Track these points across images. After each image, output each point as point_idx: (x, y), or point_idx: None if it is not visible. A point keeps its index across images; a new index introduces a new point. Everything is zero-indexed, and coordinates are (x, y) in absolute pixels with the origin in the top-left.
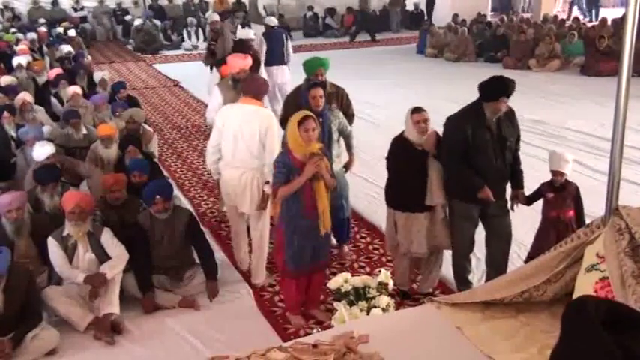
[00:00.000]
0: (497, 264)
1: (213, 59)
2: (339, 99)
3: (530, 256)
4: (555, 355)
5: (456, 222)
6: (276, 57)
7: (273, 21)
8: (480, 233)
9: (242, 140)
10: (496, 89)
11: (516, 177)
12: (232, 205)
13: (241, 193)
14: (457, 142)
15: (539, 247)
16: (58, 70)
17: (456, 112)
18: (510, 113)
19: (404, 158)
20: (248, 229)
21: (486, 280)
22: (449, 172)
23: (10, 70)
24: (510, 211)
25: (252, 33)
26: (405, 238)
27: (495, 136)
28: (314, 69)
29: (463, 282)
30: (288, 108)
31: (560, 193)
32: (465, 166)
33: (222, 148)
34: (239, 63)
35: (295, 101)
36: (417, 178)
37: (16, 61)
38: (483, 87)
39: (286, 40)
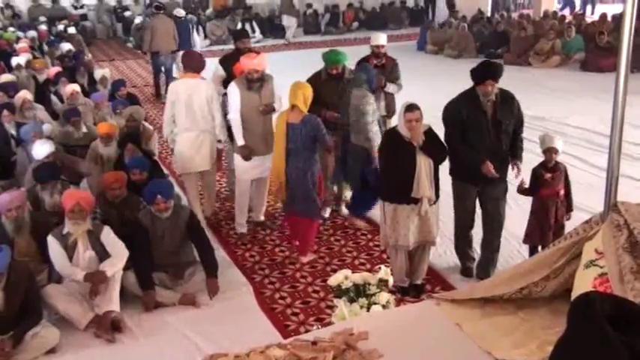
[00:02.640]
0: (490, 245)
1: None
2: (356, 84)
3: (527, 235)
4: (560, 349)
5: (455, 201)
6: (184, 43)
7: (181, 12)
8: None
9: (193, 107)
10: (481, 72)
11: (515, 149)
12: (188, 171)
13: (198, 151)
14: (454, 123)
15: (538, 225)
16: (57, 69)
17: (453, 97)
18: (510, 98)
19: (394, 150)
20: None
21: (479, 264)
22: (450, 153)
23: (10, 68)
24: (507, 199)
25: (383, 38)
26: (394, 229)
27: (490, 119)
28: (330, 64)
29: (464, 262)
30: None
31: (555, 173)
32: (465, 145)
33: (177, 117)
34: (251, 64)
35: (314, 84)
36: (405, 171)
37: (15, 60)
38: (472, 71)
39: (192, 29)
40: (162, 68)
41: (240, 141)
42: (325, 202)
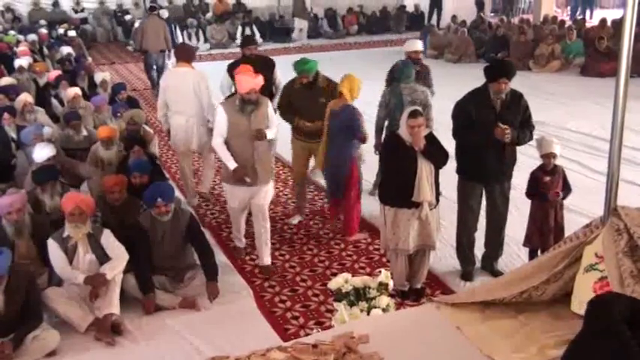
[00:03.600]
0: (493, 241)
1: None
2: (330, 93)
3: (527, 238)
4: (575, 348)
5: (461, 202)
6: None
7: (164, 14)
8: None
9: (182, 94)
10: (495, 70)
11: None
12: (182, 150)
13: (189, 133)
14: (462, 117)
15: (537, 228)
16: (57, 72)
17: (464, 95)
18: (517, 97)
19: (395, 154)
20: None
21: (483, 259)
22: (456, 148)
23: (10, 71)
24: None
25: (420, 44)
26: (394, 233)
27: (498, 116)
28: (299, 73)
29: (465, 266)
30: (282, 97)
31: (553, 176)
32: (471, 133)
33: (169, 102)
34: (249, 83)
35: (288, 91)
36: (406, 175)
37: (17, 62)
38: (486, 69)
39: (175, 29)
40: (155, 66)
41: (231, 164)
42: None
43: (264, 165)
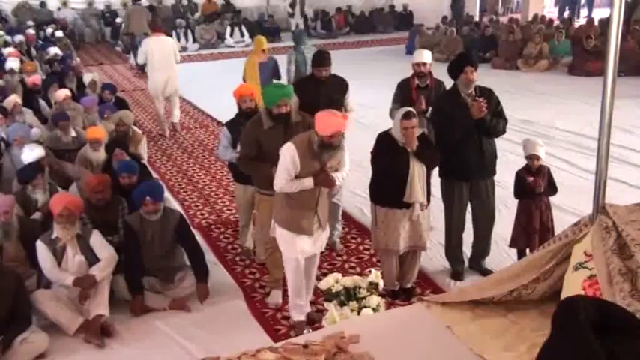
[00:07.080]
0: (481, 240)
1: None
2: (306, 128)
3: (513, 239)
4: (544, 352)
5: (447, 203)
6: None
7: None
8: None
9: (163, 56)
10: (458, 62)
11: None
12: (159, 97)
13: (166, 84)
14: (439, 119)
15: (523, 229)
16: (38, 77)
17: (437, 96)
18: (488, 91)
19: (387, 154)
20: None
21: (471, 259)
22: (439, 149)
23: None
24: (497, 204)
25: (427, 55)
26: (384, 233)
27: (471, 112)
28: (276, 99)
29: (454, 266)
30: (246, 143)
31: (538, 176)
32: (448, 132)
33: (151, 63)
34: (335, 124)
35: (253, 134)
36: (398, 175)
37: (8, 64)
38: (450, 66)
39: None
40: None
41: (309, 182)
42: None
43: (325, 210)
